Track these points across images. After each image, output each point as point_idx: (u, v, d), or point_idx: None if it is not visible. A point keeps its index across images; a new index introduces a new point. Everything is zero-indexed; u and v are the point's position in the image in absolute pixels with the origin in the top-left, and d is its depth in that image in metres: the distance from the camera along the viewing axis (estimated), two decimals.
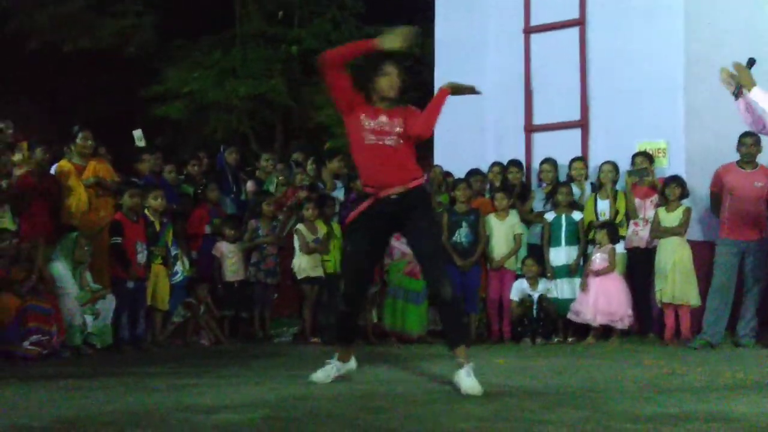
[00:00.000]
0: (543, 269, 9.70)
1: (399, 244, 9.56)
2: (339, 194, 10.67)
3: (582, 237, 9.70)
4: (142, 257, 8.76)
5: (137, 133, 11.05)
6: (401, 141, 5.64)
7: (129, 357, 8.14)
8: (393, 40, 5.64)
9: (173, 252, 9.44)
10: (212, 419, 4.36)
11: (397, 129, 5.63)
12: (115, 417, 4.43)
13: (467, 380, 5.36)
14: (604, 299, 9.26)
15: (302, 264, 9.76)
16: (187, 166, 11.10)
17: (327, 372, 5.97)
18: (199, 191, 10.45)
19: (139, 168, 9.95)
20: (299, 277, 9.77)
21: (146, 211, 8.99)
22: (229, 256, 9.82)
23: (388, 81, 5.71)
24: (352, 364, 6.14)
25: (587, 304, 9.29)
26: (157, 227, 9.07)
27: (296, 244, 9.79)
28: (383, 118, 5.65)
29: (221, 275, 9.84)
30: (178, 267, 9.52)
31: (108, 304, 8.40)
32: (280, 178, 10.71)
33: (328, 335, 9.08)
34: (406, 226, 5.73)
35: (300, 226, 9.82)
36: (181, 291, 9.47)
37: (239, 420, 4.34)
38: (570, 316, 9.43)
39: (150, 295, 8.97)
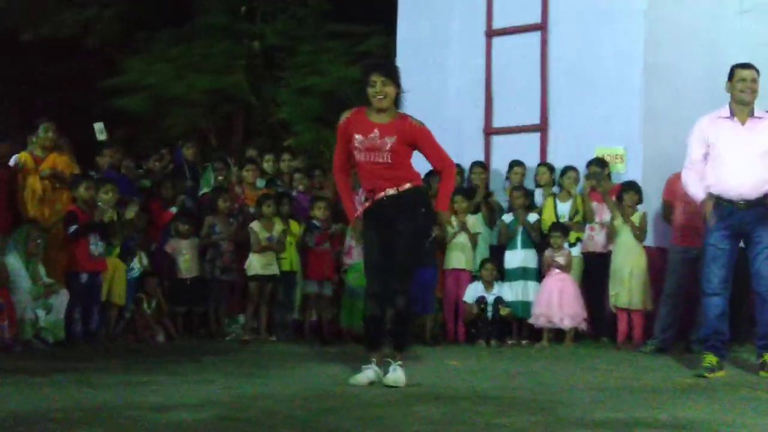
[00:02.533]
0: (501, 272, 9.74)
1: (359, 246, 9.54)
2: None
3: (536, 239, 9.75)
4: (95, 249, 8.68)
5: (98, 126, 10.93)
6: (392, 157, 5.82)
7: (81, 352, 8.05)
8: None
9: (131, 245, 9.36)
10: (164, 418, 4.33)
11: (389, 146, 5.80)
12: (65, 414, 4.39)
13: (392, 373, 5.72)
14: (559, 300, 9.33)
15: (253, 262, 9.71)
16: (149, 162, 11.01)
17: (367, 375, 5.92)
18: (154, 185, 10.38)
19: (99, 162, 9.86)
20: (248, 274, 9.72)
21: (99, 203, 8.90)
22: (183, 252, 9.75)
23: (373, 91, 5.86)
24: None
25: (545, 306, 9.35)
26: (114, 218, 8.98)
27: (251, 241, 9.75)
28: (375, 133, 5.83)
29: (174, 271, 9.76)
30: (135, 262, 9.44)
31: (61, 298, 8.31)
32: (220, 178, 10.57)
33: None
34: (394, 228, 5.89)
35: (254, 224, 9.77)
36: (133, 285, 9.40)
37: (191, 419, 4.32)
38: (536, 320, 9.45)
39: (106, 289, 8.90)
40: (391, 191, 5.85)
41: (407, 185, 5.87)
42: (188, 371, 6.53)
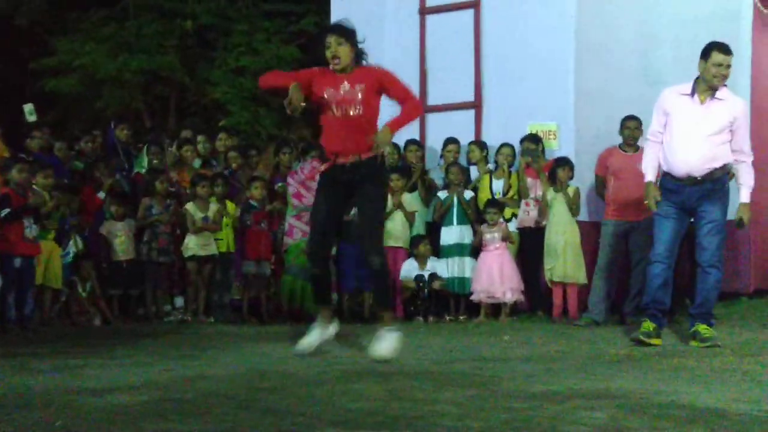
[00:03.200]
0: (435, 249, 9.81)
1: (299, 224, 9.55)
2: None
3: (472, 216, 9.84)
4: (29, 232, 8.56)
5: (28, 108, 10.75)
6: (363, 109, 5.89)
7: (15, 337, 7.95)
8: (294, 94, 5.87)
9: (66, 228, 9.24)
10: (101, 401, 4.30)
11: (360, 96, 5.89)
12: (0, 400, 4.34)
13: (379, 343, 5.82)
14: (500, 275, 9.44)
15: (190, 243, 9.66)
16: (80, 143, 10.86)
17: (312, 336, 6.11)
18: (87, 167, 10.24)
19: (30, 145, 9.69)
20: (185, 255, 9.67)
21: (34, 187, 8.77)
22: (118, 234, 9.65)
23: (329, 52, 5.94)
24: (335, 328, 6.30)
25: (485, 281, 9.44)
26: (49, 203, 8.86)
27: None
28: (345, 85, 5.92)
29: (109, 254, 9.66)
30: (71, 246, 9.33)
31: None
32: (155, 161, 10.45)
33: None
34: (356, 194, 6.00)
35: (188, 205, 9.71)
36: (68, 269, 9.28)
37: (129, 402, 4.29)
38: (477, 296, 9.53)
39: (41, 273, 8.78)
40: (352, 157, 5.92)
41: (369, 153, 5.92)
42: (125, 354, 6.49)
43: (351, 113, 5.91)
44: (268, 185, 10.12)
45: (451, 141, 10.35)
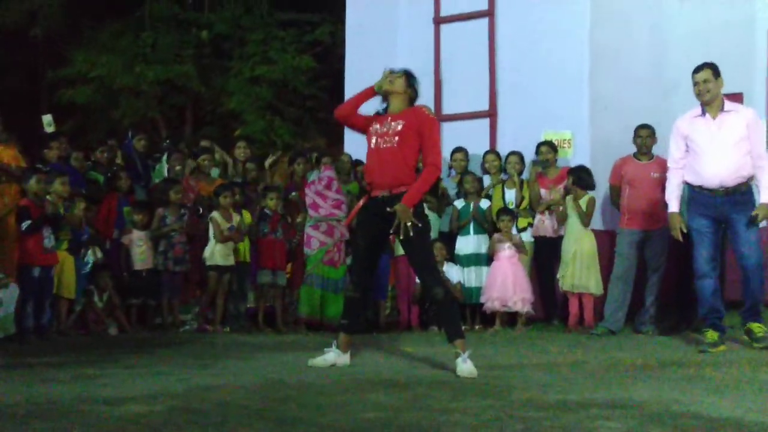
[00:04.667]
0: (450, 255, 9.80)
1: (317, 234, 9.57)
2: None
3: (488, 226, 9.83)
4: (48, 242, 8.60)
5: (47, 119, 10.79)
6: (398, 142, 6.04)
7: (32, 347, 7.97)
8: (381, 81, 6.25)
9: (83, 239, 9.28)
10: (117, 411, 4.32)
11: (398, 128, 6.06)
12: (17, 409, 4.36)
13: (463, 366, 5.81)
14: (513, 283, 9.42)
15: (215, 252, 9.69)
16: (95, 153, 10.90)
17: (326, 358, 6.22)
18: (109, 178, 10.29)
19: (47, 155, 9.75)
20: (208, 264, 9.70)
21: (48, 197, 8.81)
22: (139, 244, 9.69)
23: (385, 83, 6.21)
24: (347, 358, 6.35)
25: (498, 289, 9.42)
26: (62, 212, 8.90)
27: (211, 232, 9.71)
28: (389, 121, 6.13)
29: (129, 263, 9.70)
30: (89, 256, 9.36)
31: (11, 293, 8.21)
32: (178, 168, 10.48)
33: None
34: (391, 227, 6.08)
35: (215, 214, 9.74)
36: (85, 279, 9.32)
37: (145, 412, 4.31)
38: (491, 304, 9.51)
39: (56, 283, 8.81)
40: (384, 192, 6.08)
41: (401, 188, 6.03)
42: (141, 363, 6.50)
43: (386, 146, 6.08)
44: (285, 195, 10.14)
45: (457, 150, 10.35)
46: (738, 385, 5.40)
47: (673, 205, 7.54)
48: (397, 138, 6.04)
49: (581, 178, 9.38)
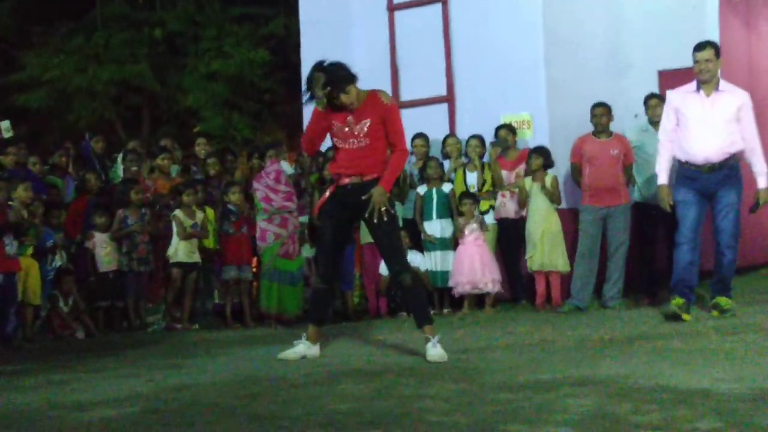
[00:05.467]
0: (414, 242, 9.81)
1: (271, 227, 9.54)
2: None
3: (453, 209, 9.85)
4: (10, 249, 8.50)
5: (5, 124, 10.68)
6: (369, 140, 6.06)
7: None
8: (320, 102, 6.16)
9: (49, 244, 9.20)
10: (87, 416, 4.29)
11: (366, 130, 6.05)
12: None
13: (433, 351, 5.88)
14: (481, 265, 9.45)
15: (179, 250, 9.64)
16: (53, 157, 10.79)
17: (296, 350, 6.25)
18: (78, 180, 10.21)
19: (4, 161, 9.64)
20: (172, 262, 9.65)
21: (11, 203, 8.72)
22: (103, 246, 9.61)
23: (347, 98, 6.04)
24: (317, 350, 6.36)
25: (467, 272, 9.45)
26: (26, 217, 8.80)
27: (174, 229, 9.65)
28: (350, 120, 6.07)
29: (95, 266, 9.62)
30: (56, 261, 9.28)
31: None
32: (134, 169, 10.39)
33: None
34: (361, 215, 6.14)
35: (177, 212, 9.68)
36: (50, 284, 9.23)
37: (115, 415, 4.28)
38: (461, 288, 9.53)
39: (20, 290, 8.71)
40: (355, 179, 6.08)
41: (373, 175, 6.06)
42: (110, 366, 6.46)
43: (356, 146, 6.08)
44: (245, 190, 10.10)
45: (418, 136, 10.35)
46: (705, 356, 5.47)
47: (662, 177, 7.69)
48: (367, 139, 6.06)
49: (547, 158, 9.43)
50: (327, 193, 6.33)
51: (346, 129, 6.09)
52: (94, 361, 6.84)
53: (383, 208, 6.01)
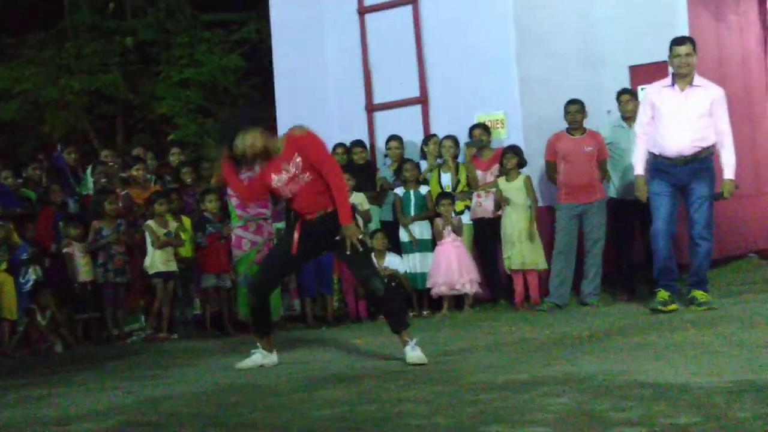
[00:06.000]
0: (392, 244, 9.81)
1: (246, 234, 9.51)
2: None
3: (431, 211, 9.86)
4: None
5: None
6: (309, 175, 6.02)
7: None
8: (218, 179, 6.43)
9: (23, 257, 9.14)
10: (68, 430, 4.27)
11: (300, 164, 6.01)
12: None
13: (412, 353, 5.92)
14: (458, 266, 9.46)
15: (155, 259, 9.60)
16: (27, 170, 10.73)
17: (254, 360, 6.32)
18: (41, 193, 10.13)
19: None
20: (150, 272, 9.61)
21: None
22: (81, 256, 9.57)
23: (242, 145, 6.02)
24: (275, 357, 6.41)
25: (444, 273, 9.46)
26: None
27: (148, 240, 9.61)
28: (280, 165, 6.03)
29: (74, 277, 9.56)
30: (30, 275, 9.22)
31: None
32: (103, 180, 10.33)
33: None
34: (331, 242, 6.15)
35: (149, 222, 9.64)
36: (27, 297, 9.17)
37: (96, 429, 4.27)
38: (438, 289, 9.53)
39: None
40: (319, 212, 6.07)
41: (330, 207, 6.06)
42: (89, 379, 6.43)
43: (303, 183, 6.03)
44: (221, 197, 10.07)
45: (392, 138, 10.37)
46: (682, 350, 5.50)
47: (638, 168, 7.87)
48: (308, 172, 6.01)
49: (521, 157, 9.45)
50: (297, 234, 6.19)
51: (284, 174, 6.03)
52: (74, 375, 6.80)
53: (360, 236, 6.08)
